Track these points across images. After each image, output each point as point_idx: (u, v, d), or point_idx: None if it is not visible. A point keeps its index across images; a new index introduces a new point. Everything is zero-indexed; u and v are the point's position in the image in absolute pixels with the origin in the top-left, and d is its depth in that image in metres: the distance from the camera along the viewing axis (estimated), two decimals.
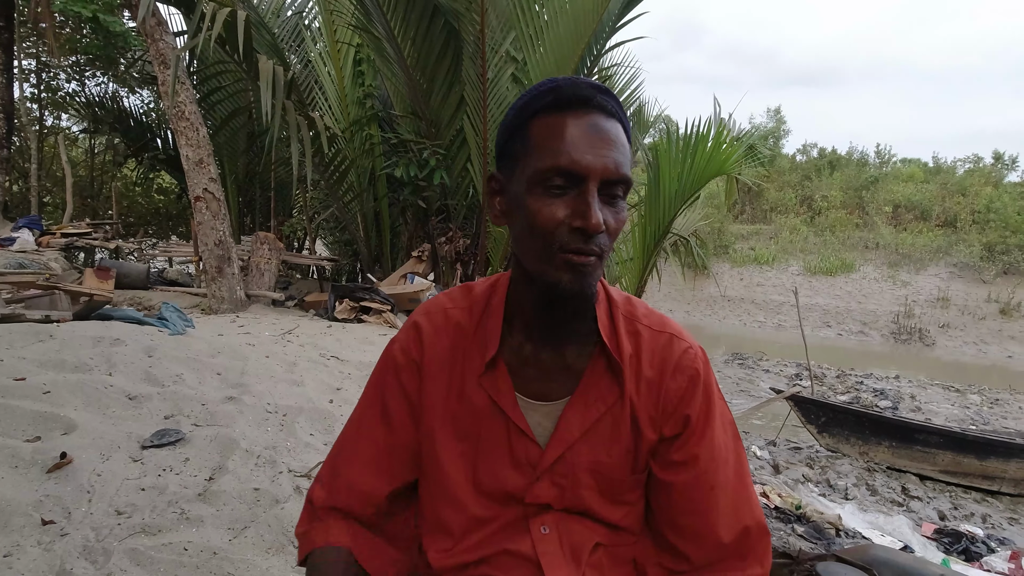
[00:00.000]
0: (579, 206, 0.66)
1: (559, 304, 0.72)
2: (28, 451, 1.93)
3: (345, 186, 7.07)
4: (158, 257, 9.70)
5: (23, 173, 10.66)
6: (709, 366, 0.80)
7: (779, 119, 24.52)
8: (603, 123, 0.68)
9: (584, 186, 0.66)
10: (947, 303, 14.93)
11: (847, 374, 9.28)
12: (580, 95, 0.68)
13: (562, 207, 0.66)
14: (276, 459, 2.22)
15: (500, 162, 0.74)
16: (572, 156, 0.65)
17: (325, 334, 4.73)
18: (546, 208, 0.66)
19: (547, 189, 0.66)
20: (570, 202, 0.66)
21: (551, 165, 0.66)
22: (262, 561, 1.67)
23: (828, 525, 2.99)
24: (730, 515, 0.76)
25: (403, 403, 0.81)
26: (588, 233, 0.65)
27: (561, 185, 0.66)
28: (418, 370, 0.80)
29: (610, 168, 0.66)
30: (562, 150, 0.66)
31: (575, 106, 0.67)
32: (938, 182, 19.49)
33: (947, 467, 4.69)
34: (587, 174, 0.66)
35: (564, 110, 0.68)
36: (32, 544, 1.56)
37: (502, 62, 5.83)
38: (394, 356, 0.82)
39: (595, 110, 0.68)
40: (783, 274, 17.42)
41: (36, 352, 2.75)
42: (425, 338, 0.81)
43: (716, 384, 0.80)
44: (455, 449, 0.79)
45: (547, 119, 0.68)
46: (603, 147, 0.66)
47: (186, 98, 5.25)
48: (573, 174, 0.66)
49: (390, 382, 0.82)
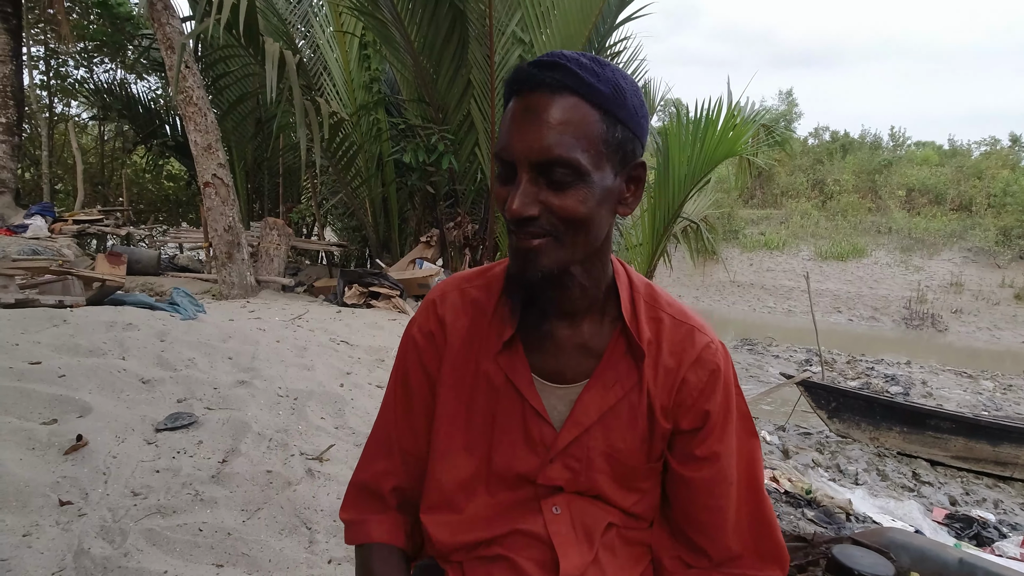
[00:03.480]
0: (508, 192, 0.66)
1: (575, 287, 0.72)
2: (45, 433, 1.96)
3: (353, 172, 7.05)
4: (169, 243, 9.76)
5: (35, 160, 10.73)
6: (730, 362, 0.79)
7: (791, 102, 24.13)
8: (541, 102, 0.63)
9: (515, 170, 0.66)
10: (960, 288, 14.76)
11: (858, 360, 9.22)
12: (526, 76, 0.64)
13: (504, 192, 0.67)
14: (288, 442, 2.24)
15: None
16: (501, 142, 0.66)
17: (335, 319, 4.75)
18: (498, 192, 0.68)
19: (498, 176, 0.68)
20: (509, 187, 0.66)
21: (495, 151, 0.67)
22: (275, 542, 1.69)
23: (838, 510, 2.98)
24: (748, 513, 0.77)
25: (425, 384, 0.82)
26: (509, 219, 0.66)
27: (503, 172, 0.67)
28: (436, 348, 0.81)
29: (535, 150, 0.63)
30: (501, 136, 0.66)
31: (523, 87, 0.65)
32: (953, 165, 19.13)
33: (959, 453, 4.66)
34: (512, 159, 0.65)
35: (517, 93, 0.66)
36: (51, 524, 1.59)
37: (509, 44, 5.76)
38: (413, 337, 0.83)
39: (537, 89, 0.64)
40: (793, 259, 17.27)
41: (50, 336, 2.78)
42: (442, 316, 0.81)
43: (736, 381, 0.79)
44: (468, 426, 0.79)
45: (511, 103, 0.67)
46: (531, 129, 0.63)
47: (194, 83, 5.24)
48: (504, 160, 0.66)
49: (412, 364, 0.82)
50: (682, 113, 5.76)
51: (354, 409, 2.71)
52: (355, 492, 0.85)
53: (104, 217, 8.35)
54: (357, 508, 0.84)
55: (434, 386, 0.81)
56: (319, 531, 1.77)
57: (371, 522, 0.82)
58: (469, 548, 0.77)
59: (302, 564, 1.61)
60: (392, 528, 0.81)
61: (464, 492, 0.78)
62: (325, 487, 2.00)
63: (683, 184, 5.64)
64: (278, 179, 8.96)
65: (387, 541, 0.81)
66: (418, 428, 0.82)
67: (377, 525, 0.81)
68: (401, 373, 0.84)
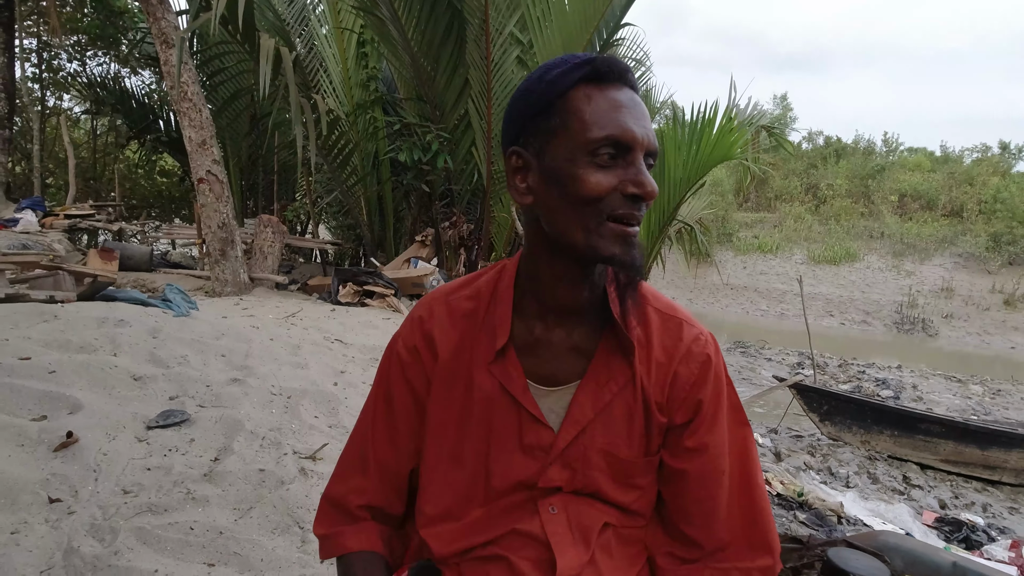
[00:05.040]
0: (629, 174, 0.67)
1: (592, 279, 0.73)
2: (34, 430, 1.93)
3: (348, 170, 7.03)
4: (161, 239, 9.70)
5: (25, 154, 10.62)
6: (719, 353, 0.79)
7: (785, 106, 24.28)
8: (635, 97, 0.70)
9: (631, 155, 0.67)
10: (951, 293, 14.88)
11: (849, 363, 9.28)
12: (618, 68, 0.69)
13: (612, 176, 0.67)
14: (281, 441, 2.23)
15: (523, 137, 0.72)
16: (622, 126, 0.66)
17: (329, 317, 4.73)
18: (597, 176, 0.66)
19: (597, 158, 0.67)
20: (619, 172, 0.67)
21: (604, 135, 0.66)
22: (268, 541, 1.68)
23: (830, 512, 3.00)
24: (740, 503, 0.76)
25: (409, 399, 0.81)
26: (642, 199, 0.67)
27: (611, 155, 0.67)
28: (422, 364, 0.80)
29: (651, 140, 0.68)
30: (613, 120, 0.66)
31: (612, 79, 0.68)
32: (945, 171, 19.30)
33: (948, 456, 4.70)
34: (635, 144, 0.67)
35: (602, 82, 0.68)
36: (39, 522, 1.57)
37: (507, 44, 5.75)
38: (398, 352, 0.81)
39: (629, 84, 0.70)
40: (787, 263, 17.36)
41: (41, 332, 2.75)
42: (428, 331, 0.80)
43: (726, 370, 0.80)
44: (461, 440, 0.78)
45: (588, 91, 0.68)
46: (644, 120, 0.68)
47: (189, 79, 5.20)
48: (623, 144, 0.66)
49: (395, 379, 0.81)
50: (678, 115, 5.78)
51: (348, 408, 2.70)
52: (328, 507, 0.84)
53: (96, 212, 8.29)
54: (331, 522, 0.83)
55: (419, 401, 0.80)
56: (312, 530, 1.76)
57: (346, 533, 0.81)
58: (467, 552, 0.77)
59: (294, 564, 1.60)
60: (369, 536, 0.81)
61: (461, 504, 0.78)
62: (318, 486, 1.99)
63: (679, 186, 5.65)
64: (273, 176, 8.92)
65: (366, 548, 0.80)
66: (400, 444, 0.81)
67: (353, 535, 0.80)
68: (383, 388, 0.83)
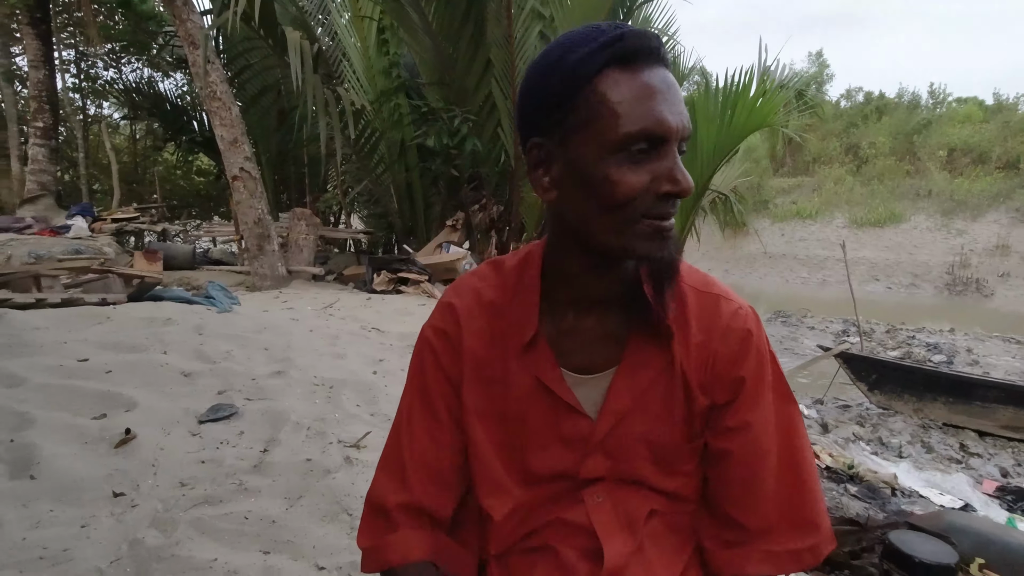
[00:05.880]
0: (663, 170, 0.61)
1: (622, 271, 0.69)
2: (96, 428, 2.04)
3: (376, 158, 7.07)
4: (202, 237, 10.00)
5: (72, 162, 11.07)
6: (760, 326, 0.75)
7: (822, 63, 23.19)
8: (669, 76, 0.62)
9: (665, 147, 0.61)
10: (1007, 251, 14.12)
11: (898, 329, 8.94)
12: (648, 46, 0.61)
13: (645, 172, 0.61)
14: (325, 430, 2.29)
15: (544, 127, 0.66)
16: (658, 117, 0.59)
17: (365, 306, 4.81)
18: (629, 176, 0.61)
19: (630, 155, 0.60)
20: (651, 166, 0.61)
21: (638, 129, 0.59)
22: (318, 529, 1.73)
23: (883, 484, 2.91)
24: (787, 482, 0.73)
25: (447, 388, 0.77)
26: (679, 197, 0.62)
27: (644, 149, 0.60)
28: (456, 350, 0.76)
29: (686, 126, 0.62)
30: (647, 111, 0.59)
31: (643, 58, 0.61)
32: (999, 121, 18.12)
33: (1009, 422, 4.49)
34: (670, 136, 0.60)
35: (632, 63, 0.60)
36: (106, 515, 1.66)
37: (528, 20, 5.64)
38: (429, 340, 0.78)
39: (660, 62, 0.62)
40: (827, 228, 16.76)
41: (96, 334, 2.88)
42: (460, 318, 0.76)
43: (768, 344, 0.76)
44: (497, 434, 0.76)
45: (617, 75, 0.60)
46: (678, 104, 0.61)
47: (217, 78, 5.29)
48: (658, 137, 0.60)
49: (430, 369, 0.78)
50: (710, 83, 5.59)
51: (387, 396, 2.75)
52: (371, 514, 0.78)
53: (140, 215, 8.60)
54: (374, 532, 0.76)
55: (457, 388, 0.77)
56: (359, 518, 1.80)
57: (389, 546, 0.74)
58: (514, 545, 0.77)
59: (344, 550, 1.65)
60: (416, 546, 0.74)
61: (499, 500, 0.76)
62: (363, 474, 2.04)
63: (711, 156, 5.49)
64: (303, 169, 9.05)
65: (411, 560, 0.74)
66: (441, 439, 0.77)
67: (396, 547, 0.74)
68: (418, 381, 0.79)
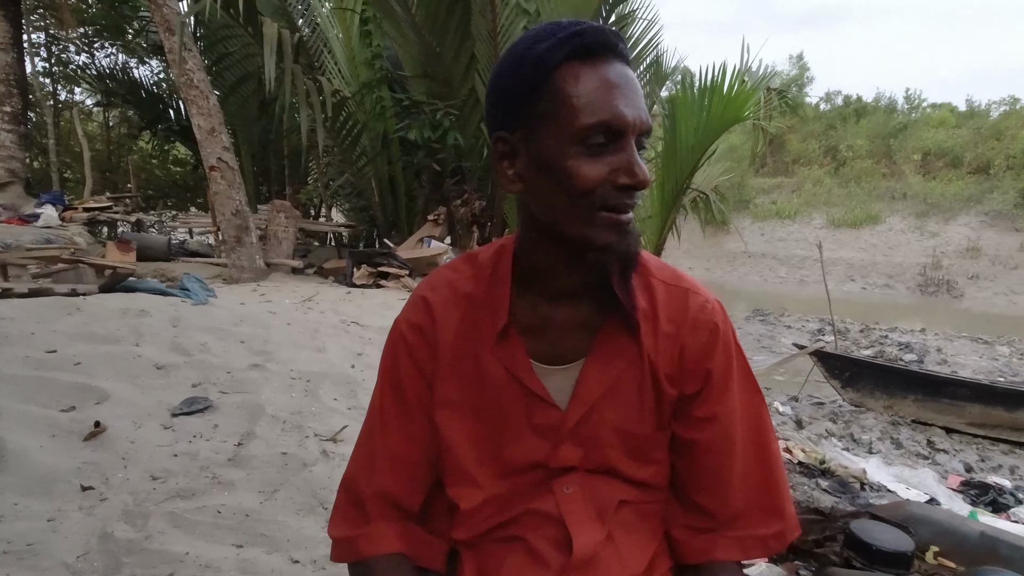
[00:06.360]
0: (621, 163, 0.63)
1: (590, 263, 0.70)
2: (65, 421, 1.99)
3: (358, 151, 7.00)
4: (178, 228, 9.81)
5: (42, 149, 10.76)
6: (728, 319, 0.77)
7: (802, 66, 23.50)
8: (627, 72, 0.64)
9: (623, 141, 0.63)
10: (977, 253, 14.50)
11: (871, 328, 9.14)
12: (607, 41, 0.63)
13: (603, 165, 0.63)
14: (302, 424, 2.27)
15: (508, 120, 0.67)
16: (615, 111, 0.61)
17: (345, 300, 4.77)
18: (587, 167, 0.62)
19: (588, 147, 0.62)
20: (609, 159, 0.63)
21: (595, 121, 0.61)
22: (294, 522, 1.72)
23: (853, 479, 2.98)
24: (754, 471, 0.75)
25: (420, 383, 0.77)
26: (635, 189, 0.63)
27: (602, 142, 0.62)
28: (431, 345, 0.76)
29: (643, 120, 0.63)
30: (605, 104, 0.61)
31: (600, 53, 0.63)
32: (971, 127, 18.56)
33: (975, 419, 4.63)
34: (627, 129, 0.62)
35: (591, 58, 0.62)
36: (74, 509, 1.62)
37: (513, 15, 5.63)
38: (403, 334, 0.78)
39: (619, 58, 0.64)
40: (806, 228, 17.04)
41: (66, 325, 2.81)
42: (435, 312, 0.76)
43: (735, 337, 0.78)
44: (470, 425, 0.76)
45: (575, 69, 0.62)
46: (635, 98, 0.63)
47: (194, 65, 5.19)
48: (615, 129, 0.62)
49: (403, 363, 0.77)
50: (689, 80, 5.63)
51: (366, 390, 2.73)
52: (343, 504, 0.79)
53: (113, 204, 8.41)
54: (346, 523, 0.77)
55: (430, 384, 0.77)
56: None
57: (361, 538, 0.75)
58: (484, 535, 0.77)
59: (320, 543, 1.64)
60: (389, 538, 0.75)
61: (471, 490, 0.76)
62: (340, 467, 2.03)
63: (692, 153, 5.53)
64: (284, 161, 8.93)
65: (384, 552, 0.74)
66: (414, 432, 0.77)
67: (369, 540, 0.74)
68: (390, 376, 0.78)
